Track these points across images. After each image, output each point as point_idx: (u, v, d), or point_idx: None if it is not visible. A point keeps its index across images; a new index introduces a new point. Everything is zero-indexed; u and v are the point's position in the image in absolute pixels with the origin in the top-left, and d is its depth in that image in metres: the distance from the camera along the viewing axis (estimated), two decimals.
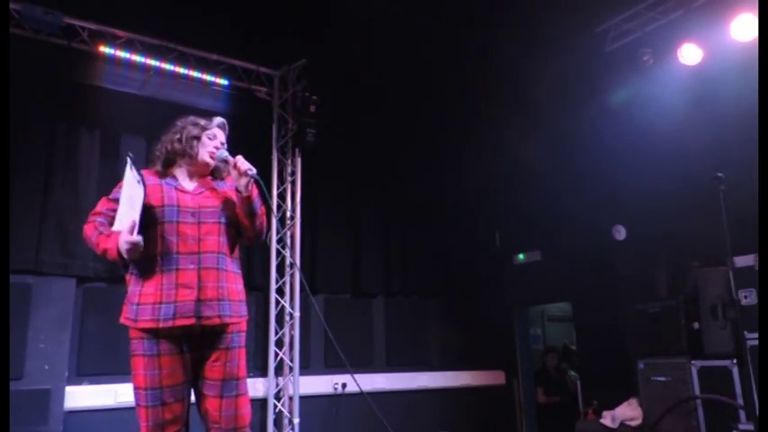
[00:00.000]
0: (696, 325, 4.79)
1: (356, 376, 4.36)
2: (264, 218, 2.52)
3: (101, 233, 2.37)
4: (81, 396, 4.65)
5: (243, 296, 2.48)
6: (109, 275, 4.92)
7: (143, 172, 2.42)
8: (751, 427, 4.12)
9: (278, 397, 5.51)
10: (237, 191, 2.42)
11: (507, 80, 6.03)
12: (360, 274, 6.24)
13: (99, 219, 2.43)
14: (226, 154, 2.51)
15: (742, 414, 4.31)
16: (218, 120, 2.63)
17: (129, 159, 2.36)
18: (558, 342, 8.11)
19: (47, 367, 4.49)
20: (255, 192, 2.44)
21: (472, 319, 6.85)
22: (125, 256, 2.23)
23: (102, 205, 2.50)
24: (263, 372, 5.54)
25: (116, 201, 2.43)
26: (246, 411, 2.40)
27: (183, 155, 2.50)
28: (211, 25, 5.49)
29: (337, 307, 6.07)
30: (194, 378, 2.36)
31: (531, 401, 7.07)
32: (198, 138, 2.52)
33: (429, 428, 6.16)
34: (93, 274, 4.86)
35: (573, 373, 7.06)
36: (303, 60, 5.75)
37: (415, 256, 6.61)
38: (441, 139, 6.83)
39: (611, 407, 5.32)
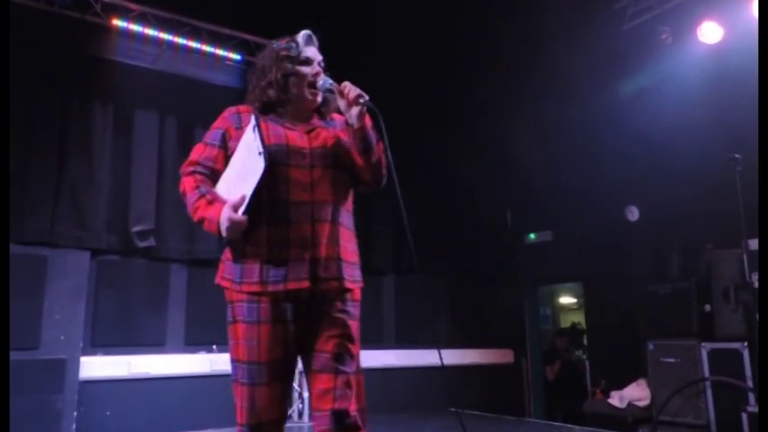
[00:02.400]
0: (708, 307, 4.77)
1: (366, 352, 4.38)
2: (383, 156, 2.05)
3: (202, 195, 1.92)
4: (95, 366, 4.73)
5: (358, 258, 2.08)
6: (123, 248, 4.98)
7: (240, 109, 2.05)
8: None
9: None
10: (348, 124, 1.99)
11: (521, 60, 5.95)
12: (370, 251, 6.25)
13: (199, 170, 1.99)
14: (330, 82, 2.04)
15: (751, 396, 4.31)
16: (303, 35, 2.10)
17: (253, 118, 1.90)
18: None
19: (62, 338, 4.57)
20: (370, 123, 2.01)
21: (482, 297, 6.87)
22: (223, 234, 1.85)
23: (197, 152, 2.03)
24: None
25: (214, 147, 2.00)
26: (363, 393, 1.98)
27: (280, 103, 2.03)
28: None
29: None
30: (300, 352, 1.97)
31: (539, 380, 7.11)
32: (292, 74, 2.03)
33: (438, 405, 6.22)
34: (106, 247, 4.92)
35: (579, 353, 7.08)
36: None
37: (427, 235, 6.61)
38: (453, 119, 6.78)
39: (620, 387, 5.34)
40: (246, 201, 1.83)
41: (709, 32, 5.08)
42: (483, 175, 6.99)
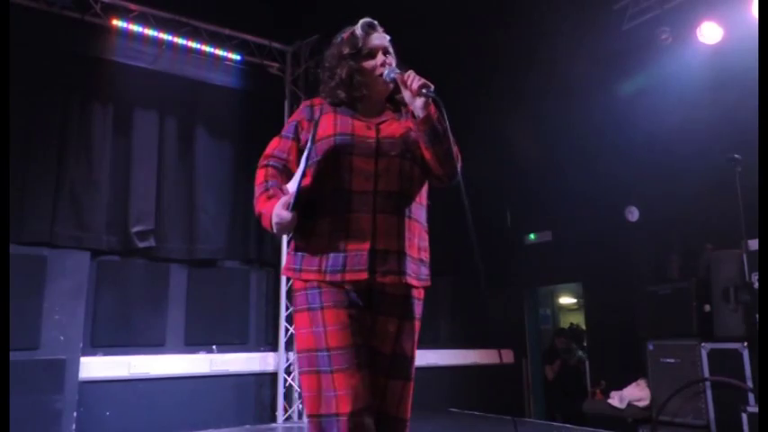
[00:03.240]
0: (708, 307, 4.77)
1: None
2: (456, 147, 1.98)
3: (265, 190, 1.91)
4: (95, 367, 4.73)
5: (427, 255, 2.00)
6: (122, 248, 4.98)
7: (314, 101, 2.02)
8: None
9: (288, 371, 5.58)
10: (413, 116, 1.93)
11: (521, 60, 5.95)
12: None
13: (272, 163, 1.97)
14: (396, 71, 1.95)
15: (751, 397, 4.31)
16: (362, 24, 2.03)
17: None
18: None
19: (62, 338, 4.57)
20: (435, 113, 1.93)
21: (482, 298, 6.87)
22: (274, 230, 1.83)
23: (272, 146, 2.01)
24: (273, 346, 5.61)
25: (288, 139, 1.99)
26: (410, 402, 1.94)
27: (352, 101, 1.98)
28: (224, 0, 5.46)
29: None
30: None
31: (539, 380, 7.11)
32: (357, 71, 1.98)
33: (438, 405, 6.22)
34: (106, 247, 4.91)
35: (580, 353, 7.08)
36: (316, 36, 5.71)
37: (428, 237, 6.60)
38: (453, 119, 6.77)
39: (620, 387, 5.34)
40: (294, 197, 1.78)
41: (709, 33, 5.08)
42: (483, 175, 6.98)
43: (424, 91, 1.88)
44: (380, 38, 2.04)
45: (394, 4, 5.19)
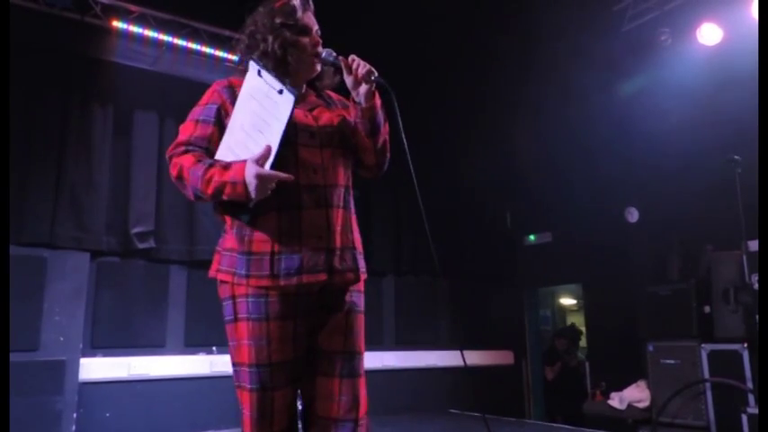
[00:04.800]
0: (707, 309, 4.77)
1: (366, 354, 4.37)
2: (388, 138, 1.89)
3: (211, 165, 1.65)
4: (95, 368, 4.72)
5: (361, 246, 1.88)
6: (122, 250, 4.98)
7: (232, 81, 1.82)
8: None
9: None
10: (354, 102, 1.80)
11: (521, 61, 5.95)
12: (370, 252, 6.25)
13: (191, 149, 1.72)
14: (334, 54, 1.82)
15: (751, 398, 4.31)
16: None
17: (253, 63, 1.72)
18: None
19: (62, 339, 4.56)
20: (379, 102, 1.82)
21: (482, 298, 6.87)
22: (252, 194, 1.58)
23: (187, 132, 1.76)
24: None
25: (208, 124, 1.76)
26: (366, 398, 1.79)
27: (281, 74, 1.75)
28: (224, 1, 5.44)
29: None
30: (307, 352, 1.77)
31: (539, 381, 7.10)
32: (291, 45, 1.79)
33: (438, 406, 6.22)
34: (106, 249, 4.91)
35: (579, 354, 7.08)
36: None
37: (426, 236, 6.59)
38: (453, 120, 6.78)
39: (620, 388, 5.34)
40: (274, 150, 1.59)
41: (709, 34, 5.09)
42: (482, 176, 6.99)
43: (372, 77, 1.75)
44: (313, 19, 1.88)
45: (395, 6, 5.20)
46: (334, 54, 1.83)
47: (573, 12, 5.29)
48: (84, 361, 4.66)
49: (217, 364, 5.15)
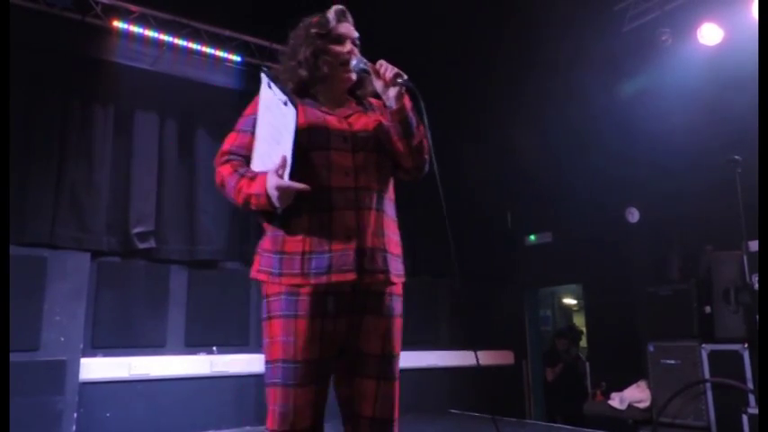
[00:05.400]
0: (708, 309, 4.77)
1: None
2: (426, 140, 1.90)
3: (242, 176, 1.77)
4: (96, 368, 4.72)
5: (401, 251, 1.93)
6: (123, 250, 4.98)
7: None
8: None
9: None
10: (385, 106, 1.85)
11: (521, 61, 5.95)
12: None
13: (232, 158, 1.85)
14: (364, 61, 1.88)
15: (752, 398, 4.30)
16: (335, 10, 1.95)
17: (264, 76, 1.77)
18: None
19: (62, 339, 4.57)
20: (409, 104, 1.86)
21: (482, 299, 6.87)
22: (276, 204, 1.68)
23: (229, 141, 1.90)
24: None
25: (246, 133, 1.88)
26: (398, 400, 1.82)
27: (313, 83, 1.89)
28: (224, 1, 5.46)
29: None
30: (339, 353, 1.80)
31: (539, 382, 7.10)
32: (323, 52, 1.88)
33: (438, 406, 6.22)
34: (106, 249, 4.91)
35: (580, 355, 7.08)
36: None
37: (425, 236, 6.61)
38: (452, 120, 6.78)
39: (620, 389, 5.34)
40: (289, 160, 1.65)
41: (710, 34, 5.09)
42: (483, 176, 6.99)
43: (399, 80, 1.81)
44: (350, 29, 1.96)
45: (396, 6, 5.21)
46: (364, 61, 1.88)
47: (574, 12, 5.29)
48: (84, 361, 4.66)
49: (217, 364, 5.16)
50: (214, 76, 5.55)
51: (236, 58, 5.62)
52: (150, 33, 5.16)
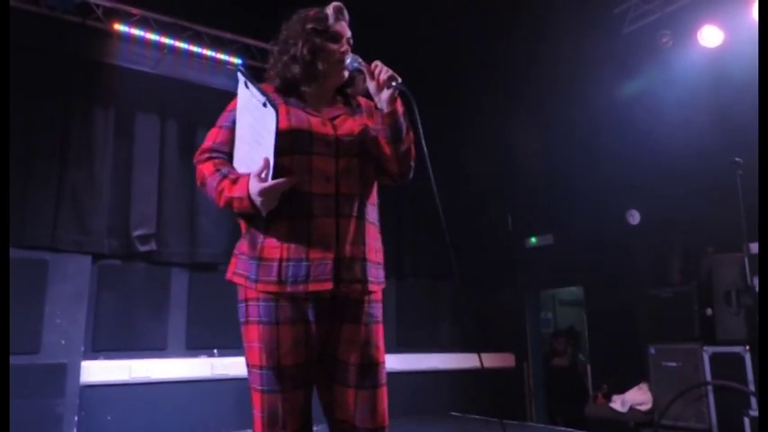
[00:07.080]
0: (709, 311, 4.76)
1: None
2: (413, 147, 1.88)
3: (224, 177, 1.73)
4: (96, 371, 4.72)
5: (382, 256, 1.92)
6: (124, 252, 4.98)
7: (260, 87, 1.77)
8: None
9: None
10: (377, 108, 1.81)
11: (522, 62, 5.95)
12: None
13: (214, 155, 1.80)
14: (359, 60, 1.83)
15: (753, 400, 4.30)
16: (333, 6, 1.89)
17: (240, 75, 1.71)
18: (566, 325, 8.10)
19: (63, 342, 4.56)
20: (401, 109, 1.82)
21: (483, 301, 6.86)
22: (261, 209, 1.67)
23: (210, 138, 1.84)
24: None
25: (228, 130, 1.82)
26: (386, 407, 1.79)
27: (305, 80, 1.84)
28: (225, 4, 5.46)
29: None
30: (319, 358, 1.78)
31: (540, 384, 7.09)
32: (320, 50, 1.83)
33: (439, 409, 6.21)
34: (107, 251, 4.91)
35: (580, 356, 7.07)
36: None
37: (426, 238, 6.61)
38: (452, 122, 6.78)
39: (622, 391, 5.33)
40: (271, 163, 1.62)
41: (710, 36, 5.09)
42: (483, 178, 6.99)
43: (393, 84, 1.76)
44: (346, 27, 1.91)
45: (396, 7, 5.21)
46: (359, 60, 1.84)
47: (574, 14, 5.30)
48: (85, 364, 4.66)
49: (218, 366, 5.15)
50: (215, 79, 5.55)
51: (238, 61, 5.62)
52: (151, 36, 5.16)
